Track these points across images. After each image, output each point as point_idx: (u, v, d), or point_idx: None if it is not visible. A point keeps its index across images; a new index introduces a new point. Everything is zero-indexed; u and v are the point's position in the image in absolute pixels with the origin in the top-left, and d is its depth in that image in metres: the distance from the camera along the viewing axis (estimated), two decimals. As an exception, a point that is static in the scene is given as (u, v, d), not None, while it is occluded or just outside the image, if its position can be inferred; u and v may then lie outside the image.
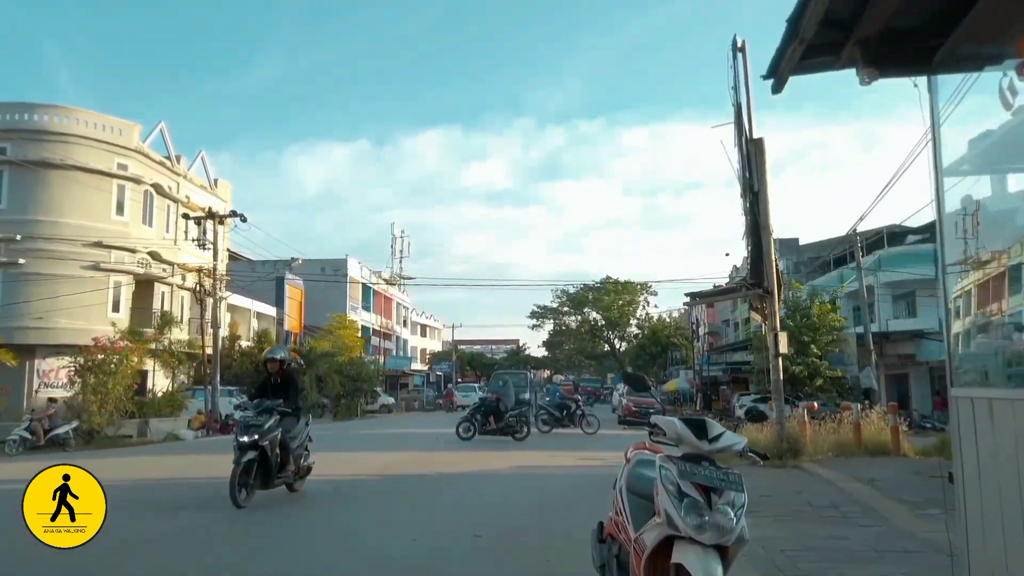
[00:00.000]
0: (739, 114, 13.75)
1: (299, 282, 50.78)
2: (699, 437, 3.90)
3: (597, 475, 12.19)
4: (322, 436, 24.00)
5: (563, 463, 14.58)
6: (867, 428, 15.51)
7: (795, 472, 11.09)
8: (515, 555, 6.48)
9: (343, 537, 7.20)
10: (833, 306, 28.06)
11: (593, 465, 14.42)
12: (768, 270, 13.33)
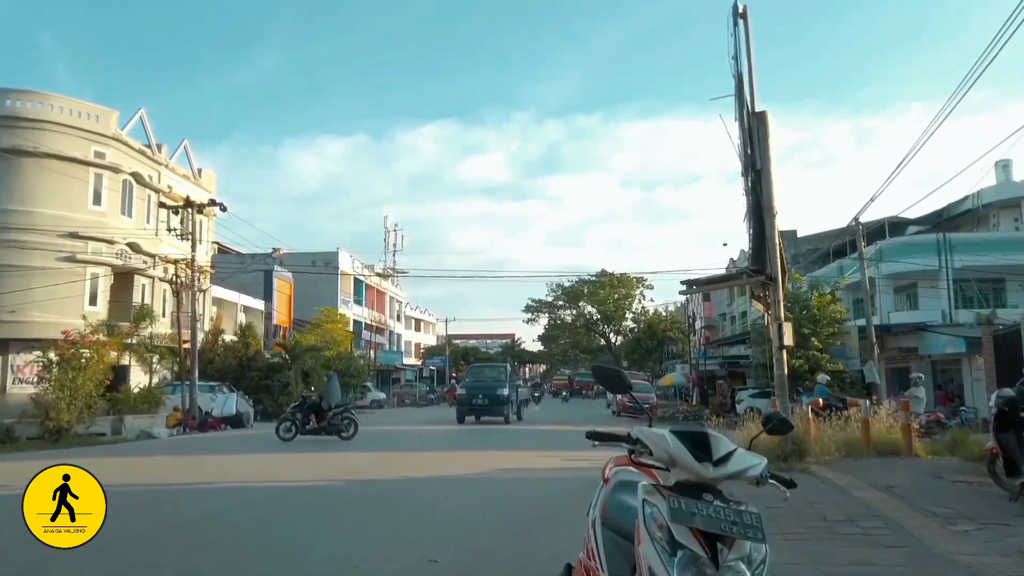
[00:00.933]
0: (740, 85, 12.55)
1: (288, 275, 49.54)
2: (699, 458, 2.72)
3: (585, 480, 11.01)
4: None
5: (547, 465, 13.40)
6: (876, 426, 14.36)
7: (803, 477, 9.91)
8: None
9: (265, 560, 6.00)
10: (834, 298, 26.84)
11: (580, 467, 13.21)
12: (771, 255, 12.15)
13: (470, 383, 26.80)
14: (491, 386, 25.52)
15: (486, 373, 27.66)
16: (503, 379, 26.19)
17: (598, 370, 3.32)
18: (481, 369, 29.41)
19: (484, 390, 25.33)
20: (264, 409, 32.10)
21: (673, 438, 2.80)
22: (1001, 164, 33.99)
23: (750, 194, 12.53)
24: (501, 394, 25.08)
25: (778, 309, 12.08)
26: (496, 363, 30.11)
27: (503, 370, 26.71)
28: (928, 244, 32.09)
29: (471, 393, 25.56)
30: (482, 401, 25.14)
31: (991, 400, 8.61)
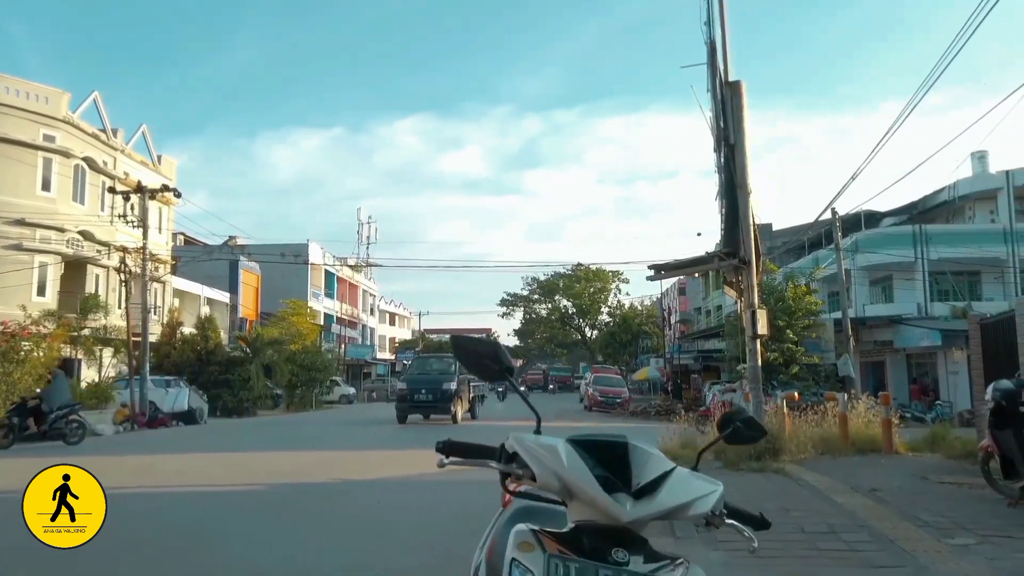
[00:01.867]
0: (712, 53, 11.52)
1: (255, 267, 48.01)
2: (611, 486, 1.64)
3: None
4: (245, 430, 21.51)
5: (506, 464, 12.31)
6: (853, 421, 13.46)
7: (778, 479, 8.93)
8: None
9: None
10: (809, 289, 26.03)
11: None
12: (745, 237, 11.14)
13: (412, 376, 23.46)
14: (436, 380, 22.20)
15: (431, 365, 24.28)
16: (451, 371, 22.50)
17: (460, 345, 2.17)
18: (426, 361, 25.91)
19: (428, 384, 22.02)
20: (224, 405, 30.74)
21: (571, 452, 1.71)
22: (977, 155, 33.39)
23: (722, 171, 11.52)
24: (447, 388, 21.74)
25: (751, 295, 11.08)
26: (445, 354, 26.41)
27: (452, 362, 23.06)
28: (904, 236, 31.45)
29: (413, 388, 22.30)
30: (425, 397, 21.82)
31: (988, 393, 7.64)
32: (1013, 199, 31.43)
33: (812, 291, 26.25)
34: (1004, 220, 31.41)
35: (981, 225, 32.22)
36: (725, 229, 11.54)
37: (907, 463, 11.36)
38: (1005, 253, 30.74)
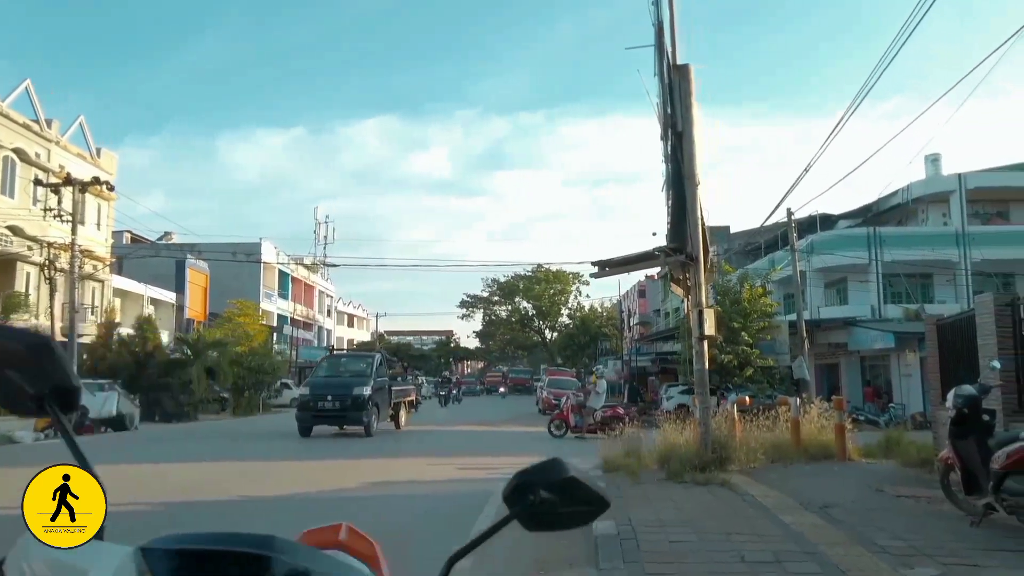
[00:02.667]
0: (660, 34, 10.72)
1: (203, 266, 46.23)
2: None
3: (471, 495, 9.02)
4: (174, 437, 19.70)
5: (439, 475, 11.33)
6: (806, 426, 12.79)
7: (723, 493, 8.11)
8: None
9: None
10: (764, 291, 25.56)
11: (475, 477, 11.26)
12: (692, 231, 10.35)
13: (318, 380, 19.32)
14: (346, 384, 18.43)
15: (344, 366, 20.50)
16: (366, 373, 18.87)
17: None
18: (337, 361, 21.71)
19: (336, 389, 18.16)
20: (164, 409, 29.17)
21: None
22: (931, 158, 33.40)
23: (669, 161, 10.72)
24: (360, 394, 17.88)
25: (699, 293, 10.28)
26: (362, 353, 22.02)
27: (370, 362, 19.56)
28: (858, 238, 31.24)
29: (317, 394, 18.23)
30: (332, 405, 17.84)
31: (948, 400, 6.91)
32: (965, 202, 31.43)
33: (767, 292, 25.75)
34: (956, 223, 31.39)
35: (934, 228, 32.19)
36: (672, 223, 10.74)
37: (861, 472, 10.68)
38: (957, 255, 30.70)
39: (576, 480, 1.15)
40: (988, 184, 31.99)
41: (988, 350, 8.44)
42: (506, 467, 13.05)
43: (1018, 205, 33.29)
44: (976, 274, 31.04)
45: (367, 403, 17.89)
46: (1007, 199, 33.14)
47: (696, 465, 9.72)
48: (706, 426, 10.10)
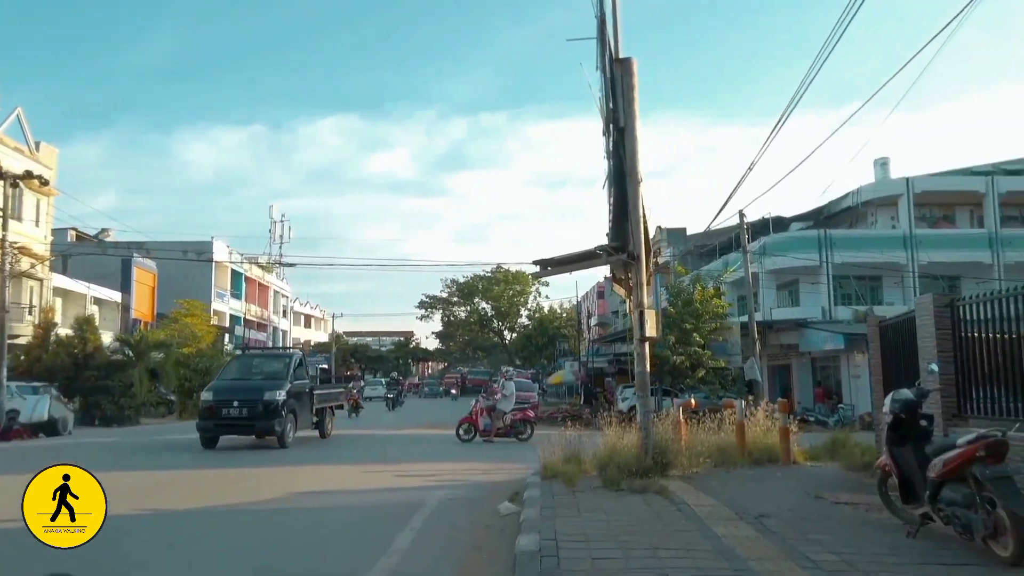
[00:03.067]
0: (602, 27, 10.36)
1: (150, 265, 44.80)
2: None
3: (403, 504, 8.53)
4: (103, 443, 18.31)
5: (371, 484, 10.80)
6: (752, 429, 12.56)
7: (658, 502, 7.74)
8: None
9: None
10: (717, 292, 25.51)
11: (409, 485, 10.76)
12: (635, 230, 10.00)
13: (223, 384, 16.42)
14: (256, 387, 15.71)
15: (256, 367, 17.43)
16: (282, 376, 16.22)
17: None
18: (249, 361, 18.37)
19: (243, 394, 15.52)
20: (103, 413, 28.00)
21: None
22: (880, 162, 33.84)
23: (611, 157, 10.36)
24: (271, 399, 15.29)
25: (640, 293, 9.93)
26: (278, 352, 18.69)
27: (287, 362, 16.98)
28: (810, 240, 31.48)
29: (222, 400, 15.49)
30: (238, 412, 15.16)
31: (886, 405, 6.64)
32: (913, 205, 31.87)
33: (720, 294, 25.71)
34: (904, 226, 31.81)
35: (883, 231, 32.59)
36: (613, 221, 10.38)
37: (804, 476, 10.45)
38: (905, 258, 31.11)
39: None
40: (935, 188, 32.50)
41: (928, 352, 8.23)
42: (445, 474, 12.59)
43: (964, 209, 33.91)
44: (923, 276, 31.51)
45: (281, 409, 15.33)
46: (953, 203, 33.73)
47: (635, 471, 9.36)
48: (647, 431, 9.75)
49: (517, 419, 17.84)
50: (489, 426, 17.58)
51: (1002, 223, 32.19)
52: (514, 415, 17.89)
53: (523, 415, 18.16)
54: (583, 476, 9.85)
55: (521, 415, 18.12)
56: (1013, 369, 7.17)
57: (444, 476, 11.59)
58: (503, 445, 16.76)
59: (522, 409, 18.68)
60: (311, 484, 10.51)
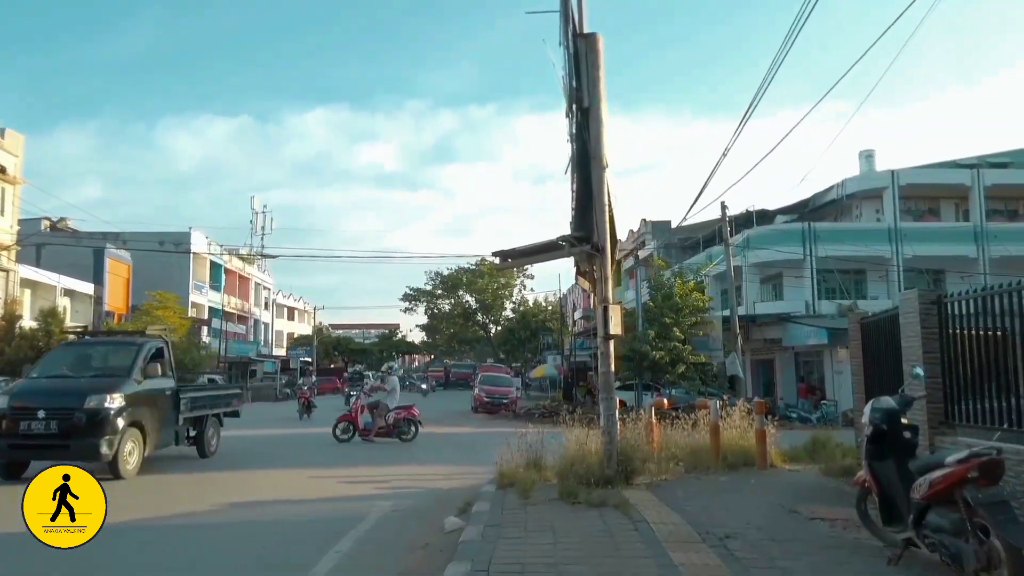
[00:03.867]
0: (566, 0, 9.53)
1: (125, 256, 43.71)
2: None
3: (343, 518, 7.73)
4: None
5: (316, 491, 9.98)
6: (729, 430, 11.84)
7: (615, 518, 6.98)
8: None
9: None
10: (697, 286, 24.77)
11: (355, 493, 9.94)
12: (599, 219, 9.21)
13: (31, 386, 11.54)
14: (75, 391, 10.78)
15: (86, 361, 12.11)
16: (122, 373, 11.33)
17: None
18: (78, 352, 12.71)
19: (55, 400, 10.73)
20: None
21: None
22: (865, 154, 33.20)
23: (575, 140, 9.56)
24: (97, 409, 10.48)
25: (605, 287, 9.16)
26: (121, 339, 13.81)
27: (134, 352, 11.75)
28: (794, 233, 30.81)
29: (22, 408, 10.58)
30: (44, 426, 10.37)
31: (865, 414, 5.90)
32: (898, 198, 31.26)
33: (701, 287, 24.99)
34: (889, 219, 31.21)
35: (867, 224, 31.98)
36: (576, 209, 9.59)
37: (780, 484, 9.73)
38: (890, 251, 30.52)
39: None
40: (920, 181, 31.91)
41: (912, 353, 7.50)
42: (400, 479, 11.75)
43: (949, 202, 33.35)
44: (908, 270, 30.95)
45: (111, 422, 10.47)
46: (938, 196, 33.16)
47: (597, 480, 8.62)
48: (610, 435, 8.99)
49: (401, 418, 16.46)
50: (370, 424, 16.19)
51: (988, 216, 31.66)
52: (397, 413, 16.51)
53: (407, 413, 16.64)
54: (542, 484, 9.09)
55: (405, 413, 16.61)
56: (1006, 372, 6.44)
57: (398, 481, 10.82)
58: (352, 446, 15.44)
59: (407, 407, 17.08)
60: (248, 492, 9.68)
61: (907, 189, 31.67)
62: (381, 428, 16.22)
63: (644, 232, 41.45)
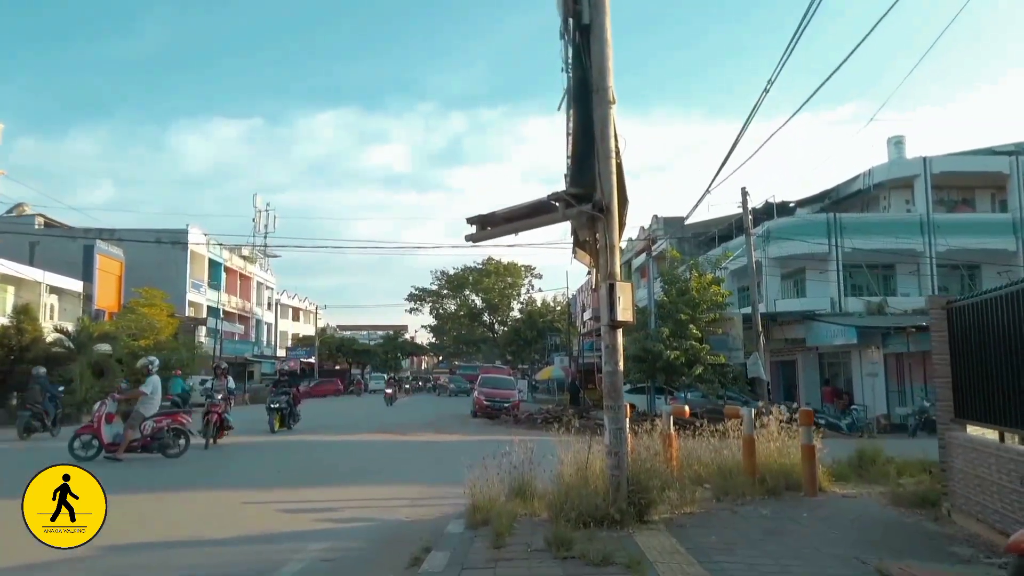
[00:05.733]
0: None
1: (116, 252, 41.70)
2: None
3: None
4: None
5: (234, 526, 7.65)
6: (762, 444, 9.46)
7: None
8: None
9: None
10: (715, 279, 22.23)
11: (286, 529, 7.61)
12: (603, 168, 6.88)
13: None
14: None
15: None
16: None
17: None
18: None
19: None
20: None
21: None
22: (894, 141, 30.59)
23: (570, 68, 7.23)
24: None
25: (611, 260, 6.81)
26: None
27: None
28: (818, 225, 28.26)
29: None
30: None
31: None
32: (930, 187, 28.66)
33: (719, 281, 22.51)
34: (921, 210, 28.60)
35: (897, 215, 29.37)
36: (573, 159, 7.26)
37: (839, 518, 7.37)
38: (922, 244, 27.92)
39: None
40: (954, 169, 29.26)
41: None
42: (355, 505, 8.97)
43: (984, 192, 30.69)
44: (941, 265, 28.37)
45: None
46: (973, 185, 30.51)
47: (602, 517, 6.28)
48: (617, 457, 6.63)
49: (161, 427, 12.64)
50: (119, 437, 12.23)
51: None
52: (157, 422, 12.65)
53: (174, 419, 12.95)
54: (529, 520, 6.77)
55: (169, 421, 12.81)
56: None
57: (350, 509, 8.48)
58: (96, 464, 11.55)
59: (171, 413, 13.35)
60: (147, 526, 7.35)
61: (940, 178, 29.05)
62: (134, 442, 12.35)
63: (656, 228, 39.00)
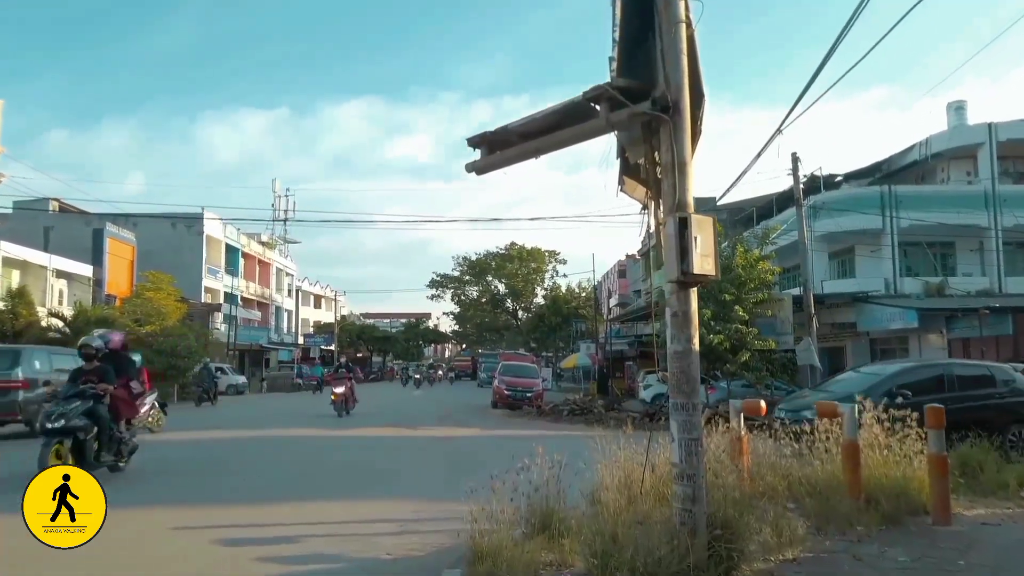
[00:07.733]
0: None
1: (128, 236, 40.06)
2: None
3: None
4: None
5: (151, 568, 5.46)
6: (866, 452, 7.05)
7: None
8: None
9: None
10: (762, 255, 19.64)
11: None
12: (669, 49, 4.51)
13: None
14: None
15: None
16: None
17: None
18: None
19: None
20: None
21: None
22: (955, 107, 27.62)
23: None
24: None
25: (683, 183, 4.45)
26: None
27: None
28: (871, 198, 25.51)
29: None
30: None
31: None
32: (996, 157, 25.75)
33: (767, 257, 19.95)
34: (985, 181, 25.70)
35: (959, 186, 26.49)
36: (622, 43, 4.89)
37: (1003, 563, 4.99)
38: (986, 220, 25.07)
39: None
40: (1023, 136, 26.30)
41: None
42: (314, 531, 6.12)
43: (1055, 162, 27.70)
44: (1008, 242, 25.51)
45: None
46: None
47: (675, 572, 3.97)
48: (694, 486, 4.28)
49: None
50: None
51: (1105, 177, 26.01)
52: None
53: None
54: (556, 573, 4.49)
55: None
56: None
57: (318, 538, 6.19)
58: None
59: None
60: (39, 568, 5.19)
61: (1006, 146, 26.11)
62: None
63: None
